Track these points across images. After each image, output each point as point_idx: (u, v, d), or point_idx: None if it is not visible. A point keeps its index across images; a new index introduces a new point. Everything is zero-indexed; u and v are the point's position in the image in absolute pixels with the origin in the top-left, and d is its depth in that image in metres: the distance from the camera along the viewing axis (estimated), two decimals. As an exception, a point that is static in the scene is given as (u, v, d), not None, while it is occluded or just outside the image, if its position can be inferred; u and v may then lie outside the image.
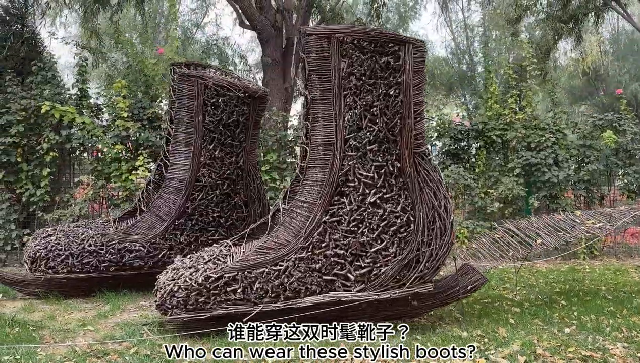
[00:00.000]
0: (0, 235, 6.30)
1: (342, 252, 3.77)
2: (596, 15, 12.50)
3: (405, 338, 3.81)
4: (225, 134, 4.94)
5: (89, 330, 4.15)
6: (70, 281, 4.88)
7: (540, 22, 12.83)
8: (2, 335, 3.86)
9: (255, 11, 9.18)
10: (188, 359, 3.46)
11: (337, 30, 3.47)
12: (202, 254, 4.12)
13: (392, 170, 3.64)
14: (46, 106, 6.18)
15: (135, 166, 6.63)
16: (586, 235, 4.98)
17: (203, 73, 4.83)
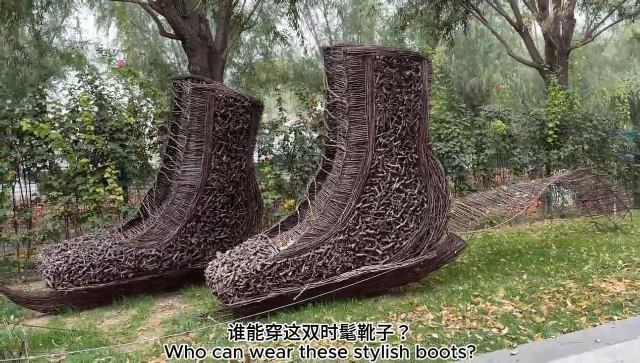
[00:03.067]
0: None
1: (372, 232, 4.62)
2: (463, 22, 14.69)
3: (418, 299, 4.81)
4: (231, 140, 5.45)
5: (143, 330, 4.45)
6: (91, 292, 5.01)
7: (420, 30, 14.65)
8: (76, 343, 4.03)
9: (181, 20, 9.41)
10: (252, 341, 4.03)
11: (371, 50, 4.29)
12: (244, 248, 4.66)
13: (411, 161, 4.58)
14: (26, 124, 5.99)
15: (103, 178, 6.68)
16: (519, 204, 6.40)
17: (214, 86, 5.28)
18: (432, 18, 14.50)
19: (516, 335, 3.77)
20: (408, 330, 3.91)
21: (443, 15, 14.55)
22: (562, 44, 13.94)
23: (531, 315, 4.21)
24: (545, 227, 9.55)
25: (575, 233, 8.44)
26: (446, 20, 14.38)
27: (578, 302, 4.49)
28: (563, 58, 14.11)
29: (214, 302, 5.20)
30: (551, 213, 10.78)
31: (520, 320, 4.08)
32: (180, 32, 9.48)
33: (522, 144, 10.16)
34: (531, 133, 10.46)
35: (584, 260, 6.23)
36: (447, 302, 4.62)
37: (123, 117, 6.88)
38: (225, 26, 10.37)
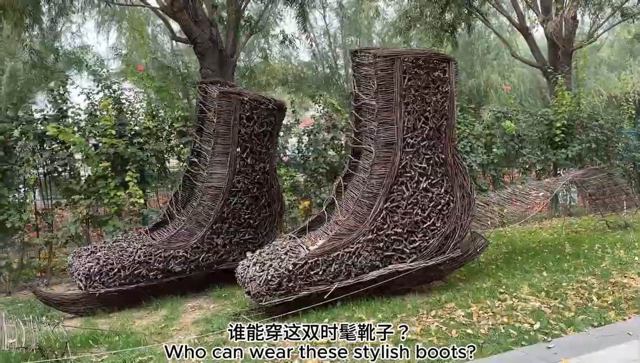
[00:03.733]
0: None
1: (400, 231, 4.71)
2: (467, 24, 14.84)
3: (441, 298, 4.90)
4: (256, 142, 5.53)
5: (177, 330, 4.53)
6: (121, 293, 5.08)
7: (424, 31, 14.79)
8: (114, 342, 4.10)
9: (193, 25, 9.50)
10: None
11: (401, 52, 4.40)
12: (274, 247, 4.75)
13: (438, 161, 4.68)
14: (52, 129, 6.06)
15: (123, 182, 6.76)
16: (536, 202, 6.51)
17: (240, 90, 5.37)
18: (436, 20, 14.63)
19: (548, 330, 3.86)
20: (442, 327, 4.00)
21: (447, 17, 14.71)
22: (566, 44, 14.09)
23: (559, 310, 4.30)
24: (555, 225, 9.65)
25: (587, 232, 8.54)
26: (450, 21, 14.52)
27: (603, 297, 4.58)
28: (566, 58, 14.26)
29: (241, 301, 5.28)
30: (559, 212, 10.89)
31: (550, 316, 4.17)
32: (192, 37, 9.57)
33: (529, 144, 10.27)
34: (539, 133, 10.58)
35: (600, 257, 6.33)
36: (474, 299, 4.71)
37: (142, 121, 6.96)
38: (235, 30, 10.47)
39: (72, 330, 4.41)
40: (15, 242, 6.48)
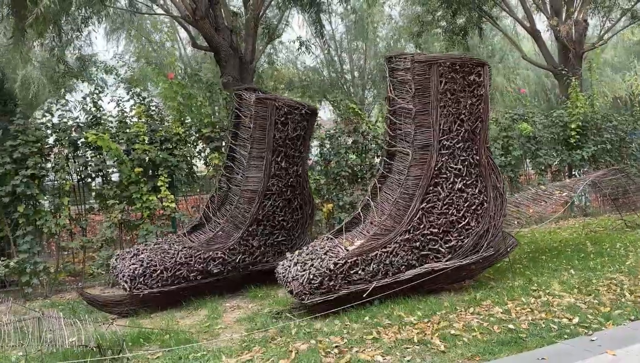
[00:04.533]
0: (27, 268, 6.18)
1: (436, 231, 4.85)
2: (479, 27, 15.00)
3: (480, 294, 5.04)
4: (289, 146, 5.69)
5: (222, 328, 4.67)
6: (163, 294, 5.23)
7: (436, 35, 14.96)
8: (166, 341, 4.25)
9: (214, 33, 9.68)
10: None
11: (438, 57, 4.56)
12: (313, 248, 4.89)
13: (473, 162, 4.83)
14: (92, 136, 6.23)
15: (155, 186, 6.92)
16: (559, 202, 6.64)
17: (275, 96, 5.54)
18: (449, 24, 14.80)
19: (588, 324, 3.99)
20: (483, 323, 4.14)
21: (458, 21, 14.88)
22: (576, 47, 14.22)
23: (595, 305, 4.43)
24: (573, 225, 9.77)
25: (605, 231, 8.65)
26: (462, 25, 14.69)
27: (636, 293, 4.70)
28: (578, 61, 14.39)
29: (277, 300, 5.43)
30: (575, 212, 11.01)
31: (586, 311, 4.30)
32: (213, 44, 9.75)
33: (545, 145, 10.41)
34: (554, 134, 10.71)
35: (624, 256, 6.45)
36: (509, 296, 4.84)
37: (171, 127, 7.13)
38: (253, 37, 10.65)
39: (123, 329, 4.55)
40: (51, 247, 6.63)
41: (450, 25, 14.54)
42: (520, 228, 6.38)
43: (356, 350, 3.74)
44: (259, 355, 3.81)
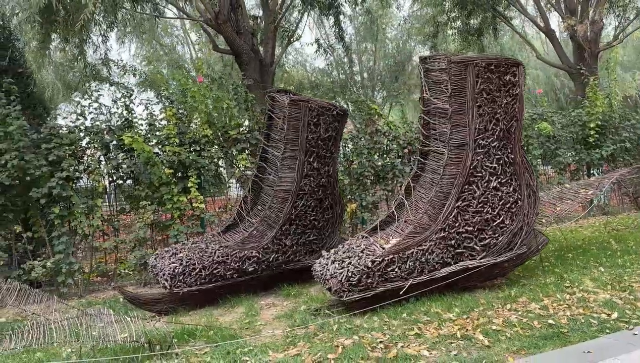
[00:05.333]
0: (62, 268, 6.31)
1: (471, 229, 4.93)
2: (494, 28, 15.06)
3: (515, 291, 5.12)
4: (321, 147, 5.79)
5: (262, 325, 4.77)
6: (201, 292, 5.34)
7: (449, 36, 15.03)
8: (211, 337, 4.36)
9: (236, 37, 9.81)
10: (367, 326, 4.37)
11: (474, 58, 4.65)
12: (349, 246, 4.98)
13: (507, 161, 4.91)
14: (128, 138, 6.37)
15: (184, 187, 7.05)
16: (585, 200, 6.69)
17: (308, 98, 5.64)
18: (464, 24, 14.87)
19: (627, 318, 4.05)
20: (522, 318, 4.22)
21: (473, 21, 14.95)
22: (592, 46, 14.24)
23: (631, 301, 4.49)
24: (593, 224, 9.80)
25: (628, 229, 8.69)
26: (477, 25, 14.76)
27: (670, 289, 4.77)
28: (593, 60, 14.41)
29: (311, 298, 5.53)
30: (594, 211, 11.03)
31: (623, 306, 4.36)
32: (234, 48, 9.88)
33: (564, 144, 10.46)
34: (573, 133, 10.75)
35: (651, 253, 6.50)
36: (543, 293, 4.91)
37: (199, 129, 7.25)
38: (273, 40, 10.77)
39: (168, 326, 4.67)
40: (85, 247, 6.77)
41: (465, 26, 14.60)
42: (545, 227, 6.43)
43: (401, 345, 3.83)
44: (306, 349, 3.90)
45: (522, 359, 3.45)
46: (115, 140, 6.85)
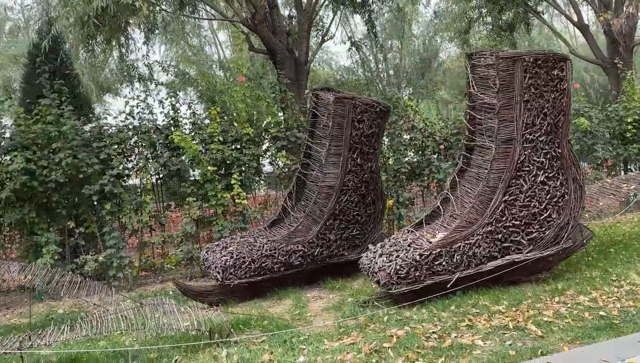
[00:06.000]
0: (114, 262, 6.56)
1: (518, 223, 4.98)
2: (526, 23, 14.93)
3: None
4: (365, 143, 5.90)
5: (312, 316, 4.91)
6: (250, 285, 5.51)
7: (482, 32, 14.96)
8: (267, 326, 4.52)
9: (272, 36, 9.99)
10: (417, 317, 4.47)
11: (522, 53, 4.71)
12: (396, 240, 5.08)
13: (555, 155, 4.95)
14: (177, 137, 6.60)
15: (228, 184, 7.24)
16: (628, 195, 6.65)
17: (353, 95, 5.76)
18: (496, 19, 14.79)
19: (681, 311, 4.07)
20: (572, 311, 4.26)
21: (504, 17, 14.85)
22: (627, 40, 14.00)
23: (682, 294, 4.50)
24: (632, 219, 9.68)
25: (668, 225, 8.57)
26: (509, 21, 14.66)
27: None
28: (628, 54, 14.17)
29: (357, 291, 5.64)
30: (631, 207, 10.87)
31: (675, 299, 4.37)
32: (270, 47, 10.05)
33: (600, 139, 10.34)
34: (609, 128, 10.62)
35: (697, 249, 6.43)
36: (590, 286, 4.93)
37: (241, 127, 7.44)
38: (307, 39, 10.91)
39: (223, 316, 4.84)
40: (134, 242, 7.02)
41: (496, 21, 14.52)
42: (588, 222, 6.42)
43: (454, 336, 3.92)
44: (360, 339, 4.02)
45: (578, 348, 3.51)
46: (162, 139, 7.07)
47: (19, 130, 6.44)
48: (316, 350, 3.87)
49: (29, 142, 6.36)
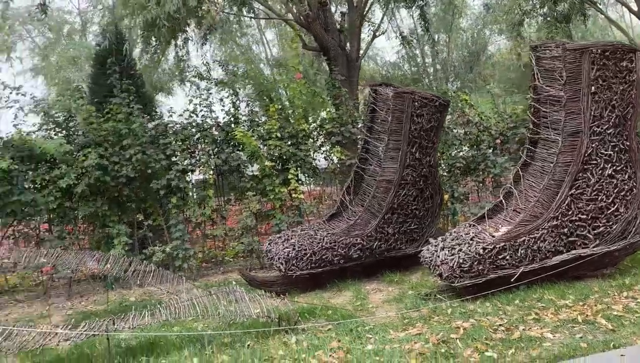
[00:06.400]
0: (179, 253, 6.85)
1: (584, 217, 4.90)
2: (582, 14, 14.44)
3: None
4: (424, 137, 5.94)
5: (374, 307, 5.01)
6: (311, 276, 5.66)
7: (538, 24, 14.58)
8: (332, 315, 4.66)
9: (325, 34, 10.11)
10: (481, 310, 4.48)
11: (590, 45, 4.65)
12: (457, 234, 5.10)
13: (623, 148, 4.86)
14: (240, 134, 6.86)
15: (285, 179, 7.42)
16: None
17: (412, 90, 5.82)
18: (551, 11, 14.40)
19: None
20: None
21: (560, 7, 14.41)
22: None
23: None
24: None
25: None
26: (565, 12, 14.23)
27: None
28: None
29: (415, 284, 5.70)
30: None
31: None
32: (324, 45, 10.17)
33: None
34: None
35: None
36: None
37: (297, 123, 7.61)
38: (358, 35, 10.98)
39: (289, 305, 5.01)
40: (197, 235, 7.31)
41: (552, 12, 14.12)
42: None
43: (522, 328, 3.93)
44: (426, 330, 4.09)
45: (653, 343, 3.46)
46: (223, 136, 7.33)
47: (91, 127, 6.83)
48: (383, 339, 3.97)
49: (101, 139, 6.73)
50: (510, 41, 21.95)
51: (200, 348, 4.00)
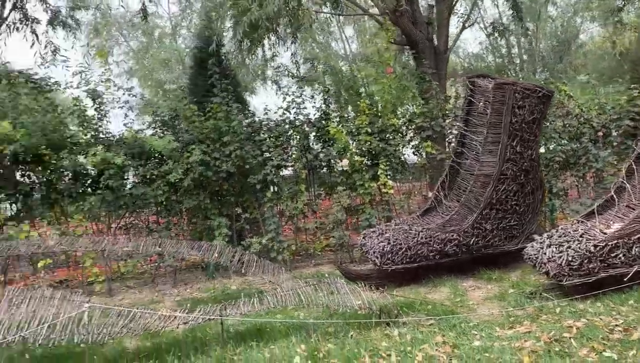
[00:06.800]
0: (274, 245, 7.08)
1: None
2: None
3: None
4: (525, 130, 5.73)
5: (474, 304, 4.92)
6: (406, 271, 5.65)
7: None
8: (431, 310, 4.65)
9: (412, 27, 10.00)
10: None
11: None
12: (565, 231, 4.87)
13: None
14: (333, 129, 7.02)
15: (375, 173, 7.44)
16: None
17: (513, 80, 5.64)
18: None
19: None
20: None
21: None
22: None
23: None
24: None
25: None
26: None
27: None
28: None
29: (516, 282, 5.52)
30: None
31: None
32: (412, 39, 10.06)
33: None
34: None
35: None
36: None
37: (387, 118, 7.60)
38: (446, 27, 10.75)
39: (389, 298, 5.05)
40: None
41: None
42: None
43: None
44: (535, 328, 3.96)
45: None
46: (314, 132, 7.48)
47: (193, 126, 7.23)
48: (489, 336, 3.90)
49: (203, 136, 7.11)
50: (603, 28, 20.58)
51: (305, 336, 4.13)
